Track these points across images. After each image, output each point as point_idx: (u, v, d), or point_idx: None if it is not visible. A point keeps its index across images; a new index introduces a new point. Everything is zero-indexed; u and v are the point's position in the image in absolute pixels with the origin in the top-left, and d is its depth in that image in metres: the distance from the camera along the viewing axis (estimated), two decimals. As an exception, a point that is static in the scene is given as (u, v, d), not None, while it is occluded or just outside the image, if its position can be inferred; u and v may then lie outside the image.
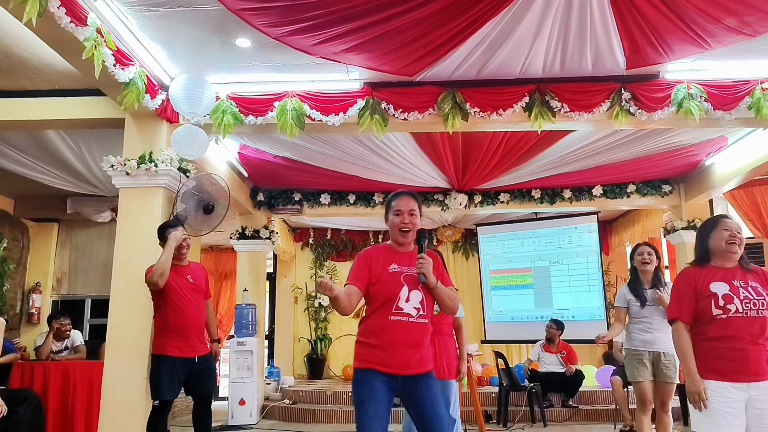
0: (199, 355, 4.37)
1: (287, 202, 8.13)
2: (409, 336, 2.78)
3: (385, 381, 2.75)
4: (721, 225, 3.04)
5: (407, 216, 2.91)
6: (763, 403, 2.75)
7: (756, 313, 2.83)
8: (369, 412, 2.70)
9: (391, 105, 5.00)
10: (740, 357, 2.79)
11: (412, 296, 2.81)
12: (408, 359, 2.77)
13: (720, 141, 6.51)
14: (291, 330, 10.44)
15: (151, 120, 4.98)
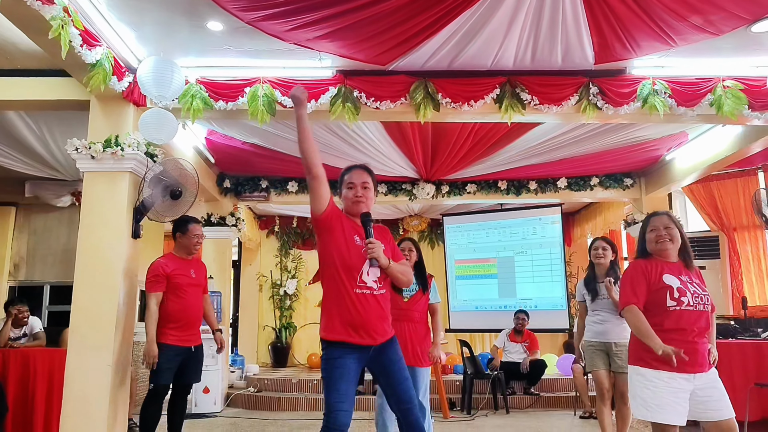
0: (195, 345, 4.61)
1: (254, 189, 8.06)
2: (375, 307, 2.86)
3: (355, 357, 2.82)
4: (649, 225, 3.17)
5: (360, 188, 2.94)
6: (705, 392, 2.89)
7: (702, 307, 2.97)
8: (340, 389, 2.77)
9: (364, 93, 4.99)
10: (691, 349, 2.86)
11: (371, 271, 2.88)
12: (377, 330, 2.85)
13: (681, 136, 6.70)
14: (255, 318, 10.37)
15: (117, 103, 4.86)
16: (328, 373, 2.81)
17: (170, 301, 4.48)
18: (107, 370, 4.47)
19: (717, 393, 2.88)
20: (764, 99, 4.89)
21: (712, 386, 2.89)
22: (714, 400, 2.87)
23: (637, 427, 5.93)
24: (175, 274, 4.51)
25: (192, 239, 4.65)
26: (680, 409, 2.87)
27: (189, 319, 4.54)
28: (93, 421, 4.39)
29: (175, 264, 4.58)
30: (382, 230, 3.03)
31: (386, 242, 2.96)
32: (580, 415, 6.74)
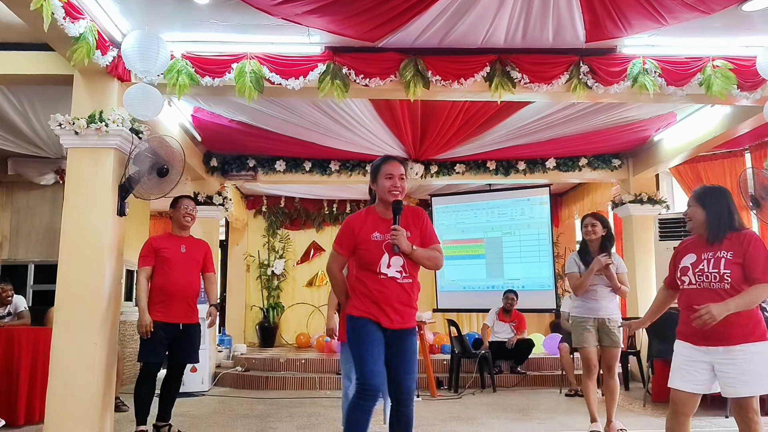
0: (185, 323, 4.56)
1: (241, 168, 7.98)
2: (397, 294, 3.00)
3: (379, 328, 3.01)
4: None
5: (398, 180, 3.08)
6: (721, 367, 2.92)
7: (709, 285, 2.99)
8: (368, 351, 2.94)
9: (353, 70, 4.92)
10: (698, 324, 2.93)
11: (393, 262, 3.01)
12: (397, 314, 3.00)
13: (669, 117, 6.71)
14: (243, 298, 10.35)
15: (101, 78, 4.76)
16: (357, 340, 3.00)
17: (156, 276, 4.55)
18: (94, 349, 4.43)
19: (734, 370, 2.88)
20: (753, 79, 4.89)
21: (729, 362, 2.90)
22: (727, 376, 2.91)
23: (622, 404, 6.01)
24: (162, 248, 4.57)
25: (181, 211, 4.69)
26: (690, 377, 3.00)
27: (173, 295, 4.50)
28: (79, 400, 4.36)
29: (166, 240, 4.65)
30: (417, 214, 3.17)
31: (418, 226, 3.10)
32: (566, 393, 6.81)
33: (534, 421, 5.34)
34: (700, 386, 3.00)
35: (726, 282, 2.94)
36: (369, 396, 2.89)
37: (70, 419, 4.34)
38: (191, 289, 4.65)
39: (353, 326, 3.04)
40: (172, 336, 4.50)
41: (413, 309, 3.09)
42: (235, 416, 5.61)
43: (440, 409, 5.96)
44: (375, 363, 2.93)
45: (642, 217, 7.90)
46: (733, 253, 2.98)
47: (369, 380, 2.89)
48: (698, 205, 3.11)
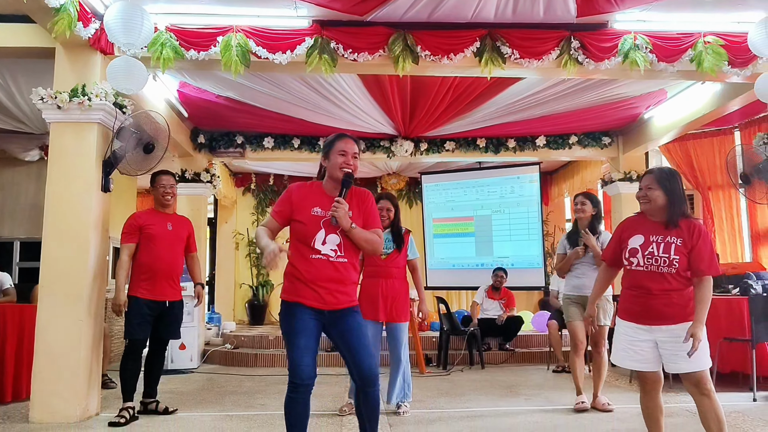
0: (170, 300, 4.52)
1: (229, 144, 7.90)
2: (330, 273, 2.88)
3: (312, 314, 2.87)
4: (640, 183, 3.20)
5: (351, 158, 2.97)
6: (665, 345, 3.01)
7: (655, 268, 3.03)
8: (298, 343, 2.82)
9: (341, 45, 4.85)
10: (643, 304, 3.06)
11: (328, 239, 2.89)
12: (331, 295, 2.88)
13: (660, 94, 6.68)
14: (232, 276, 10.33)
15: (83, 50, 4.66)
16: (285, 328, 2.90)
17: (141, 253, 4.47)
18: (79, 325, 4.40)
19: (675, 348, 2.95)
20: (744, 55, 4.86)
21: (671, 340, 2.98)
22: (669, 353, 3.00)
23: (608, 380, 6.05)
24: (147, 224, 4.49)
25: (159, 190, 4.60)
26: (636, 356, 3.09)
27: (159, 272, 4.44)
28: (65, 377, 4.34)
29: (151, 217, 4.56)
30: (364, 196, 3.06)
31: (362, 208, 3.01)
32: (553, 369, 6.86)
33: (521, 397, 5.38)
34: (647, 364, 3.09)
35: (674, 267, 3.00)
36: (300, 389, 2.80)
37: (56, 396, 4.32)
38: (177, 267, 4.60)
39: (284, 312, 2.92)
40: (157, 313, 4.47)
41: (348, 289, 2.96)
42: (223, 393, 5.61)
43: (429, 385, 5.99)
44: (303, 355, 2.80)
45: (631, 195, 7.84)
46: (682, 240, 3.02)
47: (297, 373, 2.78)
48: (659, 187, 3.07)
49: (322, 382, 5.95)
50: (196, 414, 4.70)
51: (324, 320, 2.90)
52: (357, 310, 3.00)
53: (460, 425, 4.31)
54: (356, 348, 2.90)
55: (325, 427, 4.23)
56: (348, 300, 2.95)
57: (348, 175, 2.94)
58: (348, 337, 2.91)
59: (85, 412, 4.42)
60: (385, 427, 4.23)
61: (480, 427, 4.26)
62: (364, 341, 2.92)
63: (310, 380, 2.81)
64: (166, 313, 4.51)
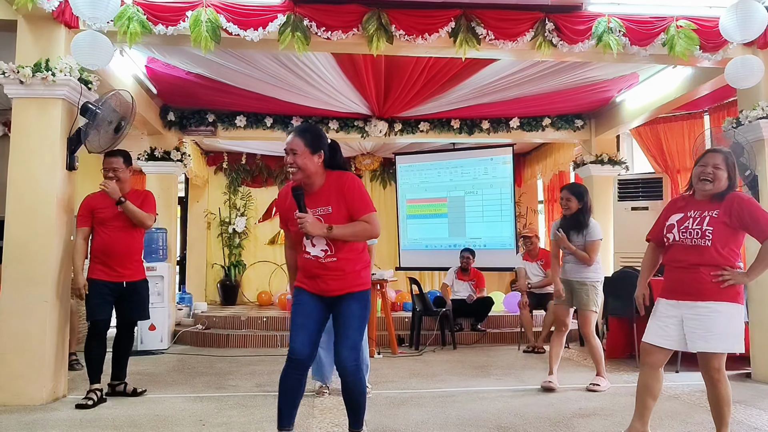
0: (128, 281, 4.44)
1: (200, 123, 7.75)
2: (323, 272, 2.97)
3: (316, 297, 3.01)
4: (701, 160, 3.16)
5: (290, 156, 2.91)
6: (689, 322, 3.02)
7: (690, 241, 3.04)
8: (296, 323, 2.99)
9: (314, 22, 4.76)
10: (677, 278, 3.10)
11: (316, 242, 2.95)
12: (327, 287, 2.99)
13: (631, 78, 6.72)
14: (204, 256, 10.20)
15: (47, 24, 4.50)
16: (293, 310, 3.06)
17: (95, 236, 4.42)
18: (44, 306, 4.31)
19: (696, 325, 2.97)
20: (715, 40, 4.90)
21: (694, 317, 2.99)
22: (690, 330, 3.00)
23: (577, 360, 6.16)
24: (99, 208, 4.38)
25: (102, 172, 4.43)
26: (660, 332, 3.12)
27: (114, 255, 4.35)
28: (31, 359, 4.26)
29: (103, 200, 4.37)
30: (341, 181, 2.97)
31: (342, 197, 2.94)
32: (524, 349, 6.95)
33: (492, 377, 5.44)
34: (668, 341, 3.09)
35: (707, 239, 2.99)
36: (295, 365, 2.95)
37: (22, 378, 4.25)
38: (132, 248, 4.47)
39: (293, 296, 3.11)
40: (118, 294, 4.40)
41: (345, 279, 2.98)
42: (194, 374, 5.57)
43: (401, 366, 6.02)
44: (297, 332, 2.95)
45: (602, 178, 7.99)
46: (719, 212, 3.01)
47: (291, 349, 2.95)
48: (727, 171, 3.06)
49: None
50: (166, 395, 4.66)
51: (329, 302, 3.02)
52: (358, 296, 3.01)
53: (431, 406, 4.34)
54: (337, 336, 3.01)
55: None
56: (347, 286, 2.99)
57: (295, 189, 2.90)
58: (335, 324, 3.04)
59: (51, 394, 4.35)
60: (357, 407, 4.24)
61: (450, 407, 4.30)
62: (345, 331, 2.99)
63: (302, 356, 2.94)
64: (127, 293, 4.43)
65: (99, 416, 4.01)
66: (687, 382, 4.92)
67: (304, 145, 2.90)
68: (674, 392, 4.67)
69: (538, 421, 3.89)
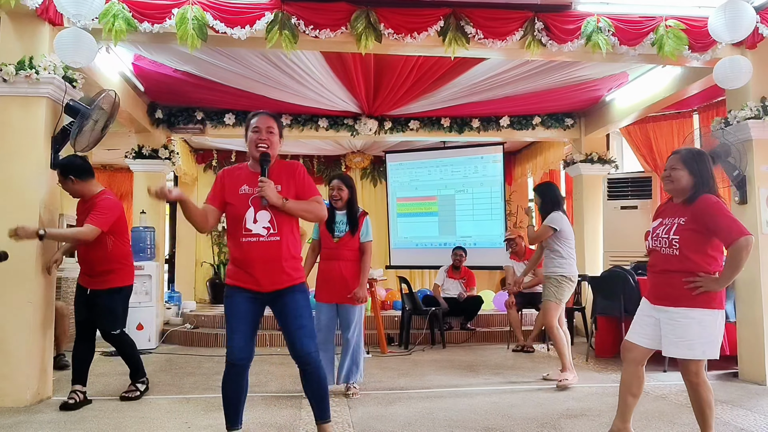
0: (92, 288, 4.35)
1: (188, 120, 7.69)
2: (263, 255, 2.93)
3: (249, 297, 2.97)
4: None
5: (264, 132, 3.01)
6: (664, 326, 3.03)
7: (660, 249, 3.06)
8: (231, 326, 2.99)
9: (302, 21, 4.72)
10: (652, 282, 3.16)
11: (259, 217, 2.94)
12: (266, 277, 2.93)
13: (621, 77, 6.72)
14: (193, 254, 10.15)
15: (30, 21, 4.44)
16: (226, 312, 3.04)
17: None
18: (28, 307, 4.26)
19: (670, 331, 2.97)
20: (704, 40, 4.90)
21: (669, 323, 2.99)
22: (664, 335, 3.02)
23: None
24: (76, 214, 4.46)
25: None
26: (640, 330, 3.15)
27: (81, 260, 4.38)
28: (15, 360, 4.21)
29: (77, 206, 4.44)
30: (292, 167, 3.10)
31: (292, 181, 3.03)
32: (513, 348, 6.95)
33: (481, 376, 5.44)
34: (645, 339, 3.12)
35: (674, 248, 2.97)
36: (232, 368, 2.98)
37: (6, 380, 4.20)
38: (92, 257, 4.28)
39: (225, 295, 3.06)
40: (85, 299, 4.36)
41: (285, 266, 2.96)
42: (182, 374, 5.53)
43: (389, 365, 6.00)
44: (233, 336, 2.96)
45: (592, 177, 8.00)
46: (686, 219, 2.97)
47: (228, 353, 2.96)
48: (684, 168, 3.01)
49: (280, 363, 5.93)
50: (152, 397, 4.62)
51: (265, 301, 2.99)
52: (299, 288, 3.03)
53: (419, 406, 4.33)
54: (290, 328, 2.97)
55: (285, 409, 4.20)
56: (288, 279, 2.97)
57: (263, 154, 2.97)
58: (284, 317, 2.99)
59: (36, 395, 4.31)
60: (344, 408, 4.23)
61: (438, 407, 4.28)
62: (299, 321, 2.97)
63: (240, 360, 2.96)
64: (91, 301, 4.33)
65: (83, 418, 3.97)
66: (674, 382, 4.92)
67: (277, 128, 3.08)
68: (661, 392, 4.69)
69: (526, 422, 3.88)
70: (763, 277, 4.99)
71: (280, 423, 3.88)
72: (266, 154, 2.98)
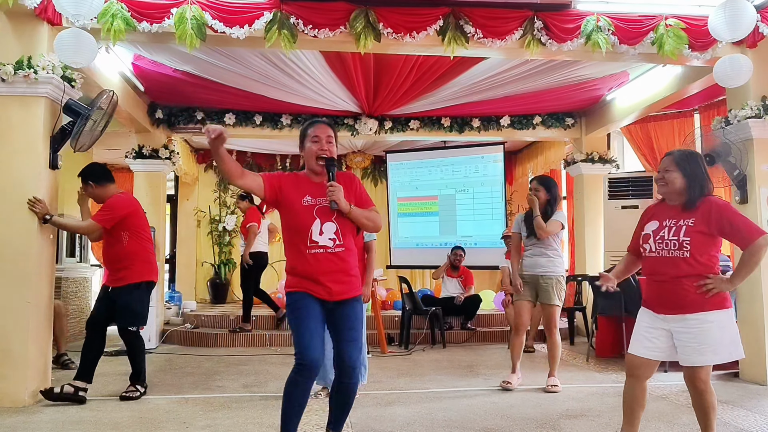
0: (111, 286, 4.51)
1: (189, 120, 7.68)
2: (330, 266, 2.86)
3: (319, 301, 2.87)
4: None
5: (325, 143, 2.93)
6: (678, 336, 2.90)
7: (667, 252, 2.92)
8: (305, 325, 2.82)
9: (301, 20, 4.71)
10: (656, 292, 3.00)
11: (325, 228, 2.87)
12: (332, 288, 2.86)
13: (622, 76, 6.71)
14: (193, 254, 10.15)
15: (29, 21, 4.44)
16: (295, 314, 2.87)
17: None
18: (27, 307, 4.26)
19: (689, 339, 2.86)
20: (704, 39, 4.88)
21: (686, 331, 2.87)
22: (683, 344, 2.88)
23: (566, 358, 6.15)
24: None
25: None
26: (648, 343, 3.00)
27: (102, 260, 4.67)
28: (13, 360, 4.21)
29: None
30: (349, 177, 3.04)
31: (351, 190, 2.96)
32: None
33: (480, 376, 5.42)
34: (657, 352, 2.98)
35: (685, 250, 2.86)
36: (306, 371, 2.79)
37: (4, 380, 4.21)
38: (107, 254, 4.56)
39: (291, 303, 2.91)
40: (105, 295, 4.56)
41: (352, 277, 2.96)
42: (181, 374, 5.53)
43: (389, 365, 5.99)
44: (312, 337, 2.81)
45: (593, 176, 7.98)
46: (695, 220, 2.89)
47: (305, 355, 2.78)
48: (678, 170, 2.95)
49: (280, 363, 5.93)
50: (151, 397, 4.61)
51: (328, 308, 2.90)
52: (359, 299, 3.02)
53: (418, 406, 4.32)
54: (343, 338, 2.90)
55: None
56: (352, 289, 2.94)
57: (329, 159, 2.91)
58: (339, 326, 2.91)
59: (34, 396, 4.30)
60: (343, 408, 4.22)
61: (437, 408, 4.27)
62: (353, 333, 2.91)
63: (316, 361, 2.79)
64: (111, 298, 4.51)
65: (82, 418, 3.96)
66: (674, 382, 4.90)
67: (335, 136, 3.02)
68: (661, 392, 4.67)
69: (525, 422, 3.87)
70: (764, 277, 4.97)
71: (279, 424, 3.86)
72: (333, 159, 2.93)
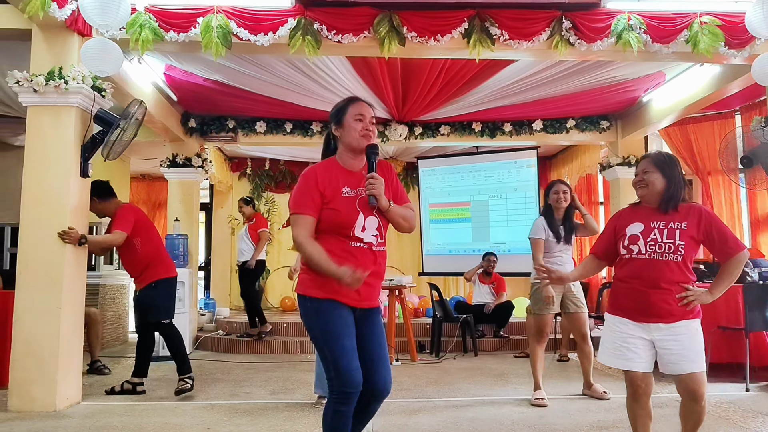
0: (137, 289, 4.93)
1: (221, 129, 7.78)
2: (368, 266, 2.43)
3: (349, 311, 2.48)
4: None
5: (369, 123, 2.53)
6: (663, 344, 2.76)
7: (661, 256, 2.78)
8: (342, 344, 2.40)
9: (324, 26, 4.72)
10: (640, 298, 2.80)
11: (368, 223, 2.47)
12: (363, 291, 2.46)
13: (658, 77, 6.51)
14: (228, 261, 10.26)
15: (60, 32, 4.55)
16: (326, 329, 2.43)
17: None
18: (57, 313, 4.34)
19: (676, 346, 2.73)
20: (741, 36, 4.69)
21: (672, 338, 2.74)
22: (671, 353, 2.74)
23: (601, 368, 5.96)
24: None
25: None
26: (628, 353, 2.82)
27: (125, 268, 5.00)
28: (43, 365, 4.29)
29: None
30: (387, 167, 2.60)
31: (389, 182, 2.56)
32: (557, 358, 6.73)
33: (510, 386, 5.30)
34: (640, 363, 2.82)
35: (679, 254, 2.75)
36: (350, 399, 2.39)
37: (35, 384, 4.28)
38: (127, 262, 4.89)
39: (316, 310, 2.45)
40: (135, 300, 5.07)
41: (380, 284, 2.61)
42: (210, 380, 5.56)
43: (418, 373, 5.91)
44: (353, 358, 2.39)
45: (629, 181, 7.72)
46: (687, 224, 2.78)
47: (349, 381, 2.37)
48: (657, 171, 2.86)
49: (309, 370, 5.90)
50: (178, 402, 4.65)
51: (355, 319, 2.51)
52: (379, 310, 2.67)
53: (444, 415, 4.23)
54: (373, 355, 2.50)
55: (307, 417, 4.15)
56: (376, 297, 2.60)
57: (371, 146, 2.50)
58: (367, 341, 2.51)
59: (64, 400, 4.38)
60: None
61: (464, 417, 4.18)
62: (381, 350, 2.55)
63: (359, 387, 2.40)
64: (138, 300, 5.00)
65: (108, 424, 4.01)
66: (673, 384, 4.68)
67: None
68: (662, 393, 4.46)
69: (553, 434, 3.75)
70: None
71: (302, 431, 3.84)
72: (375, 146, 2.51)
